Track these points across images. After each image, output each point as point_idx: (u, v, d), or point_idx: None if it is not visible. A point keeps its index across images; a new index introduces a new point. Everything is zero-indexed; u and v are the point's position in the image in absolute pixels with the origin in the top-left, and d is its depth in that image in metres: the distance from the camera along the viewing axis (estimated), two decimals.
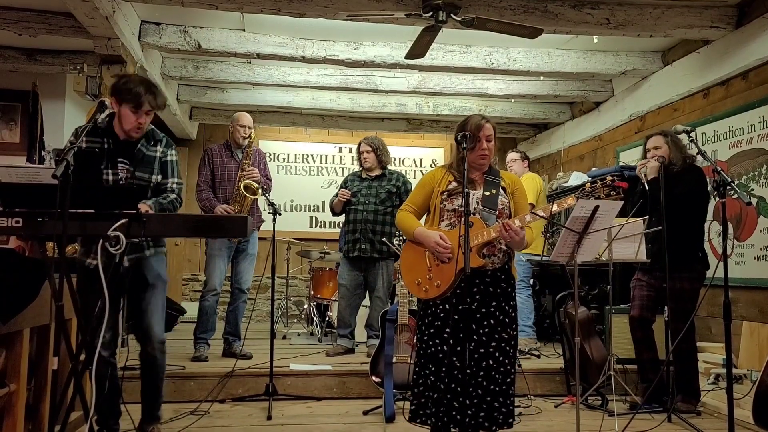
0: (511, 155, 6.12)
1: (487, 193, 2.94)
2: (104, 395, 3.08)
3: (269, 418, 3.99)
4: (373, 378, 4.27)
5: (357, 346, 5.40)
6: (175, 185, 3.26)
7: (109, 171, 3.07)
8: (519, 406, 4.24)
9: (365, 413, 4.15)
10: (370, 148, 5.29)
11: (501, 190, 2.99)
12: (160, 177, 3.21)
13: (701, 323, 5.10)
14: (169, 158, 3.25)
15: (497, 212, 2.91)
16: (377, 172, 5.32)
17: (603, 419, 3.85)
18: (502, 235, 2.78)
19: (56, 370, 2.54)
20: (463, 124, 3.01)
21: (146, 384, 3.26)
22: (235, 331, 5.22)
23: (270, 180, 5.34)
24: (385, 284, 5.21)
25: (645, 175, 4.20)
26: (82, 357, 2.61)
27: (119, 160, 3.09)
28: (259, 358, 4.87)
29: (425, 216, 3.12)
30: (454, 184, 2.97)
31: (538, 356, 5.36)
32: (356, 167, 5.92)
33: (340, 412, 4.23)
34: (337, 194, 5.35)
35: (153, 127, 3.28)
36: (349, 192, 5.22)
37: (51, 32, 5.12)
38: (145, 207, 2.95)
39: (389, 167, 5.41)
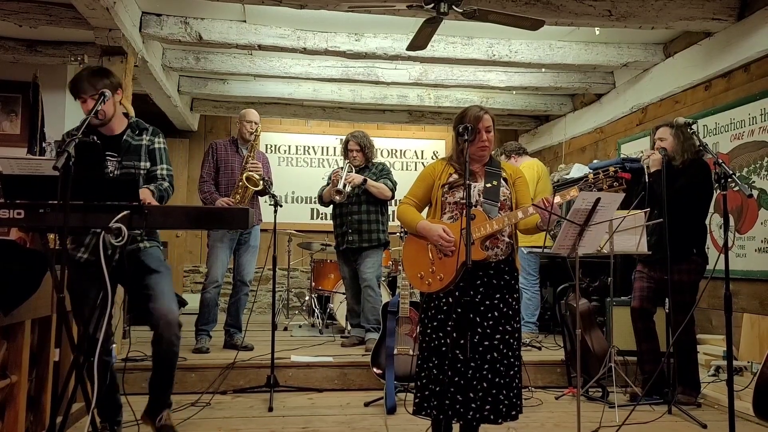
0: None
1: (489, 185, 2.93)
2: (104, 387, 3.08)
3: (270, 409, 4.00)
4: (375, 370, 4.28)
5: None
6: (165, 172, 3.22)
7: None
8: None
9: (366, 405, 4.16)
10: (358, 147, 5.33)
11: (503, 181, 2.98)
12: (148, 164, 3.19)
13: (702, 315, 5.11)
14: (156, 146, 3.22)
15: (499, 204, 2.90)
16: (362, 165, 5.37)
17: (603, 411, 3.87)
18: (540, 213, 2.77)
19: (57, 361, 2.55)
20: (462, 115, 2.99)
21: (159, 371, 3.17)
22: (237, 323, 5.24)
23: (271, 183, 5.30)
24: (375, 273, 5.23)
25: (648, 167, 4.20)
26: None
27: (107, 153, 3.08)
28: (260, 349, 4.89)
29: (426, 209, 3.12)
30: (455, 176, 2.96)
31: (539, 348, 5.37)
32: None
33: (342, 403, 4.24)
34: (324, 187, 5.38)
35: (138, 119, 3.27)
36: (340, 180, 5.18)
37: (51, 23, 5.10)
38: (146, 192, 2.94)
39: (373, 160, 5.47)
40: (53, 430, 2.44)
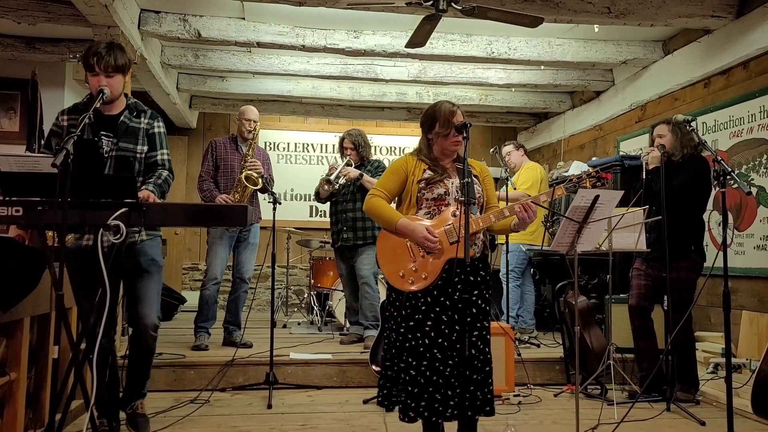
0: (506, 149, 6.02)
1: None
2: (104, 384, 3.09)
3: (269, 406, 4.00)
4: (373, 367, 4.29)
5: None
6: (165, 157, 3.24)
7: None
8: (518, 395, 4.26)
9: (365, 402, 4.17)
10: (353, 146, 5.34)
11: (474, 178, 2.92)
12: (146, 149, 3.20)
13: (701, 312, 5.12)
14: (156, 130, 3.23)
15: (475, 201, 2.86)
16: (357, 164, 5.36)
17: (602, 408, 3.87)
18: (521, 216, 2.74)
19: (57, 358, 2.55)
20: (433, 110, 2.91)
21: (135, 365, 3.28)
22: (236, 321, 5.23)
23: (272, 180, 5.29)
24: (371, 270, 5.23)
25: (647, 164, 4.20)
26: (83, 346, 2.62)
27: (102, 132, 3.09)
28: (259, 347, 4.89)
29: (396, 202, 3.03)
30: (430, 172, 2.89)
31: (538, 345, 5.37)
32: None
33: (340, 400, 4.25)
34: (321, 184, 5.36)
35: (137, 101, 3.28)
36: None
37: (50, 20, 5.09)
38: (146, 193, 2.94)
39: (369, 158, 5.46)
40: (52, 428, 2.44)
